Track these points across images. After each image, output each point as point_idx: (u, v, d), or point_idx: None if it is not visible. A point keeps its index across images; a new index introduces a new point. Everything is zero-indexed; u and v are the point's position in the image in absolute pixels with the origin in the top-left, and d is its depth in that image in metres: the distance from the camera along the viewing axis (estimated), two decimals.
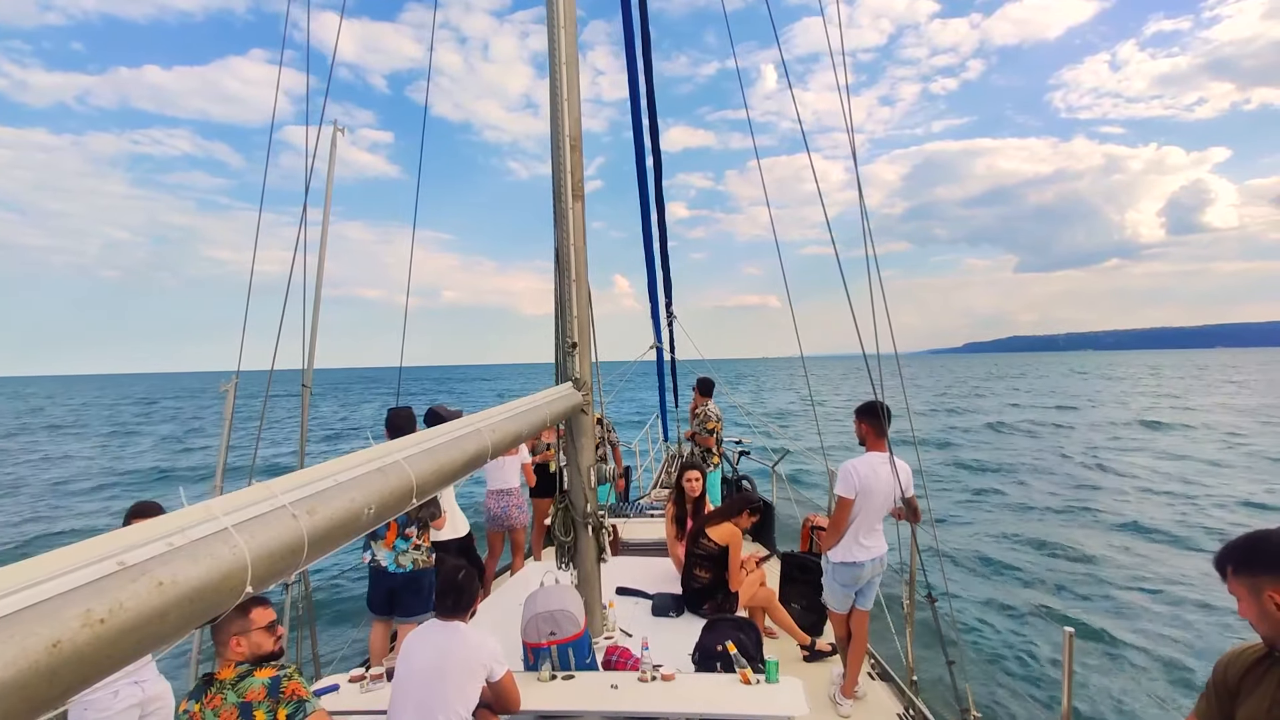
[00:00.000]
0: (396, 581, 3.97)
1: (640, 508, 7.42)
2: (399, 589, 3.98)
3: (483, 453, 2.12)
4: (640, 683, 3.02)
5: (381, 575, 3.97)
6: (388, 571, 3.95)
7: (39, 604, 0.70)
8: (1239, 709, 1.34)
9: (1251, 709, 1.32)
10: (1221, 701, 1.39)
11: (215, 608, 0.93)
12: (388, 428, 4.11)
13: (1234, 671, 1.39)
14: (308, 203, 3.65)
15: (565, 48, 3.64)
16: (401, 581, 3.97)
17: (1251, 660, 1.37)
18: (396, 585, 3.98)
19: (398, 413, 4.14)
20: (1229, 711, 1.37)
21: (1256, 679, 1.34)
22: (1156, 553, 10.00)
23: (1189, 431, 23.79)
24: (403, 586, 3.98)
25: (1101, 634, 6.99)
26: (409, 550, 4.00)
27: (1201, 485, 14.91)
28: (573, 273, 3.69)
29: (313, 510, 1.18)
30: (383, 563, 3.96)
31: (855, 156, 3.55)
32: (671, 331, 9.12)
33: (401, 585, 3.98)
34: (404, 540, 4.01)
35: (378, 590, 4.02)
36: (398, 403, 4.26)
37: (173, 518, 0.95)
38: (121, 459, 24.13)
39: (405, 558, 3.98)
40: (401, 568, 3.97)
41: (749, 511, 4.46)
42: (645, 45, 7.41)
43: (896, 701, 3.68)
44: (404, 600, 4.01)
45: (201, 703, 2.10)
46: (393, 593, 3.99)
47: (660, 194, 8.27)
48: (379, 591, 4.02)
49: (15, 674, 0.64)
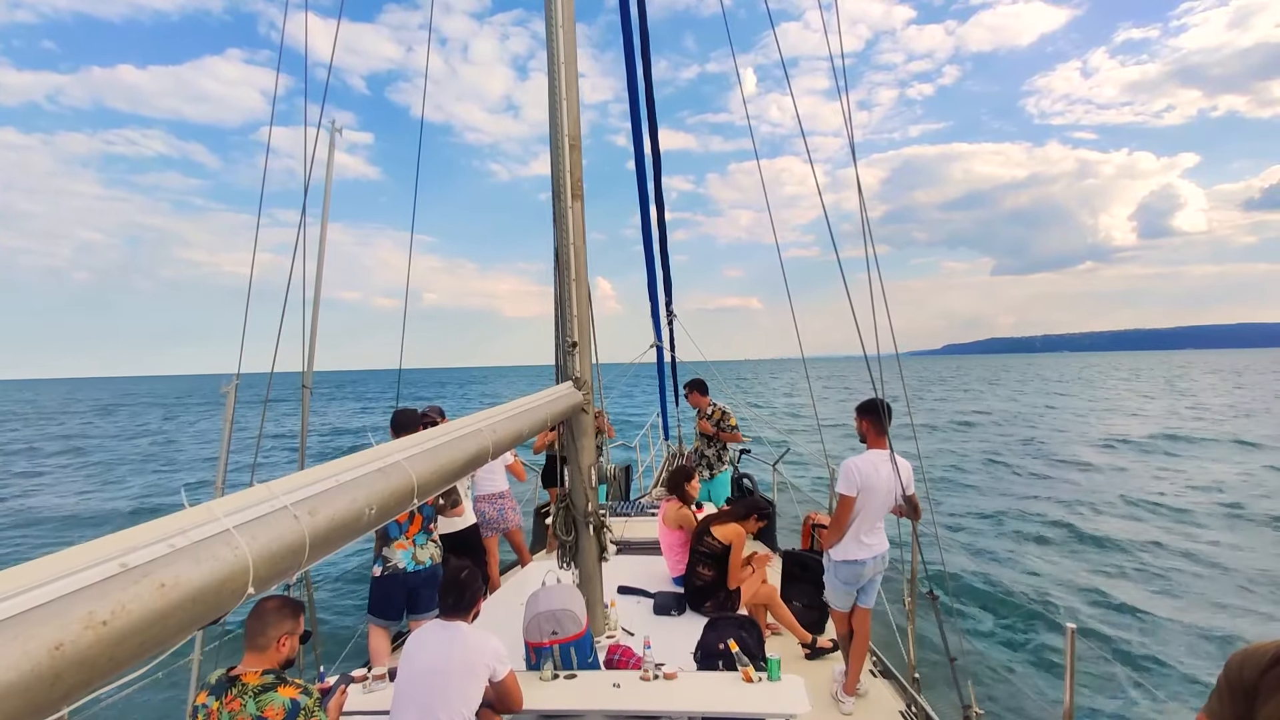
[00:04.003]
0: (418, 580, 3.90)
1: (640, 507, 7.42)
2: (419, 586, 3.91)
3: (483, 453, 2.12)
4: (642, 682, 3.02)
5: (400, 578, 3.87)
6: (408, 572, 3.88)
7: (41, 606, 0.70)
8: (1260, 710, 1.29)
9: (1274, 710, 1.26)
10: (1236, 701, 1.34)
11: (217, 609, 0.93)
12: (393, 428, 4.12)
13: (1251, 670, 1.33)
14: (306, 204, 3.64)
15: (565, 47, 3.63)
16: (423, 579, 3.92)
17: (1269, 659, 1.32)
18: (417, 583, 3.90)
19: (401, 413, 4.16)
20: (1244, 712, 1.32)
21: (1278, 678, 1.29)
22: (1158, 551, 10.00)
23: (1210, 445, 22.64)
24: (423, 583, 3.92)
25: (1104, 630, 6.99)
26: (428, 545, 3.97)
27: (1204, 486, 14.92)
28: (573, 272, 3.68)
29: (314, 511, 1.18)
30: (401, 564, 3.87)
31: (855, 158, 3.54)
32: (671, 331, 9.11)
33: (422, 582, 3.92)
34: (424, 534, 3.98)
35: (394, 593, 3.89)
36: (397, 405, 4.29)
37: (174, 519, 0.95)
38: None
39: (424, 553, 3.94)
40: (421, 564, 3.91)
41: (757, 517, 4.50)
42: (644, 47, 7.41)
43: (898, 699, 3.68)
44: (425, 596, 3.91)
45: (221, 701, 2.06)
46: (412, 591, 3.91)
47: (660, 194, 8.27)
48: (396, 594, 3.89)
49: (18, 677, 0.64)
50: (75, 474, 21.08)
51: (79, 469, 22.20)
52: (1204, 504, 12.74)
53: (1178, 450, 19.88)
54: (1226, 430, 24.21)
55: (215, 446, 22.46)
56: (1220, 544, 10.20)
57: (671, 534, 5.00)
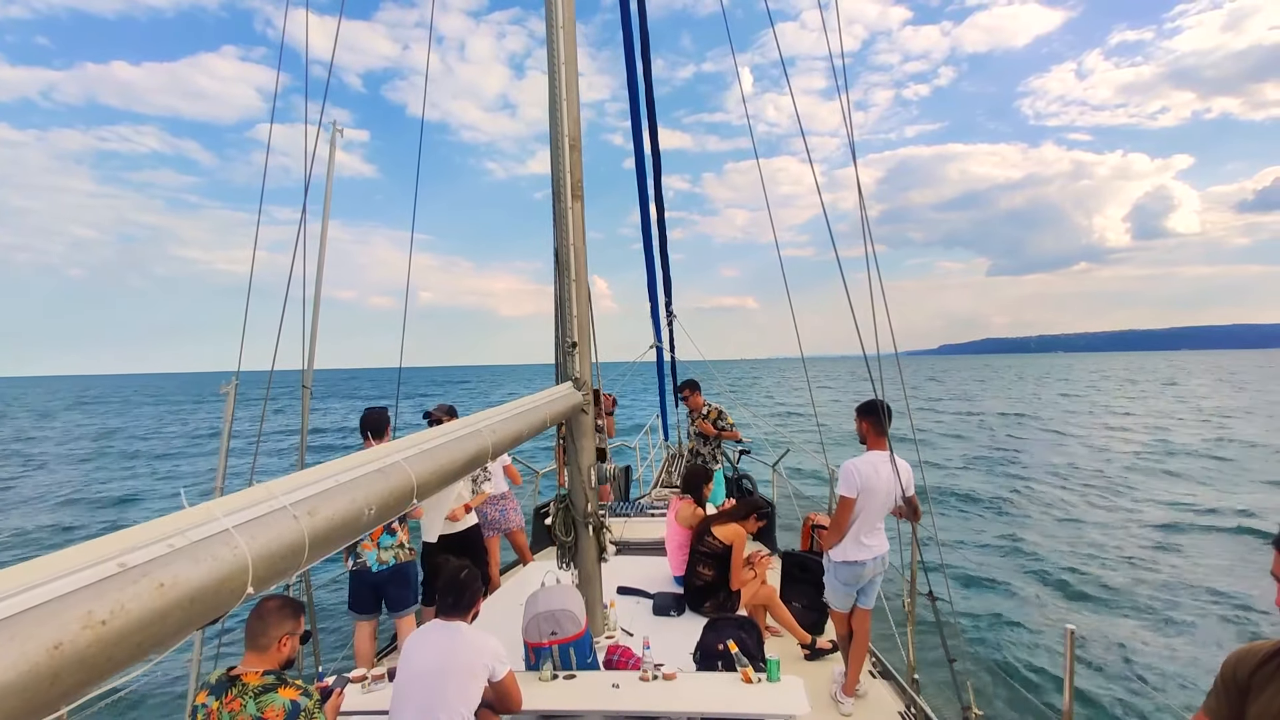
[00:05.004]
0: (380, 578, 4.05)
1: (640, 507, 7.41)
2: (384, 584, 4.07)
3: (483, 453, 2.12)
4: (641, 682, 3.02)
5: (365, 577, 4.05)
6: (372, 571, 4.03)
7: (40, 606, 0.70)
8: (1250, 707, 1.33)
9: (1262, 707, 1.31)
10: (1231, 699, 1.38)
11: (216, 609, 0.93)
12: (363, 429, 4.16)
13: (1244, 669, 1.37)
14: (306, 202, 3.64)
15: (565, 47, 3.63)
16: (385, 577, 4.06)
17: (1262, 658, 1.36)
18: (380, 581, 4.06)
19: (370, 414, 4.20)
20: (1239, 710, 1.36)
21: (1267, 676, 1.33)
22: (1158, 550, 10.00)
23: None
24: (387, 581, 4.07)
25: (1103, 632, 6.99)
26: (391, 546, 4.08)
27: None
28: (573, 272, 3.68)
29: (313, 511, 1.18)
30: (367, 563, 4.03)
31: (855, 157, 3.54)
32: (671, 331, 9.11)
33: (386, 581, 4.06)
34: (390, 535, 4.08)
35: (362, 590, 4.09)
36: (397, 405, 4.32)
37: (173, 519, 0.95)
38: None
39: (387, 553, 4.05)
40: (384, 564, 4.04)
41: (756, 517, 4.52)
42: (644, 46, 7.41)
43: (898, 700, 3.67)
44: (391, 595, 4.10)
45: (221, 701, 2.05)
46: (377, 589, 4.08)
47: (660, 193, 8.27)
48: (364, 591, 4.09)
49: (16, 676, 0.64)
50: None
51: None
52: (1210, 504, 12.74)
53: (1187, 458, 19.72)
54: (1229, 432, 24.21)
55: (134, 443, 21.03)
56: (1220, 544, 10.20)
57: (681, 533, 5.00)
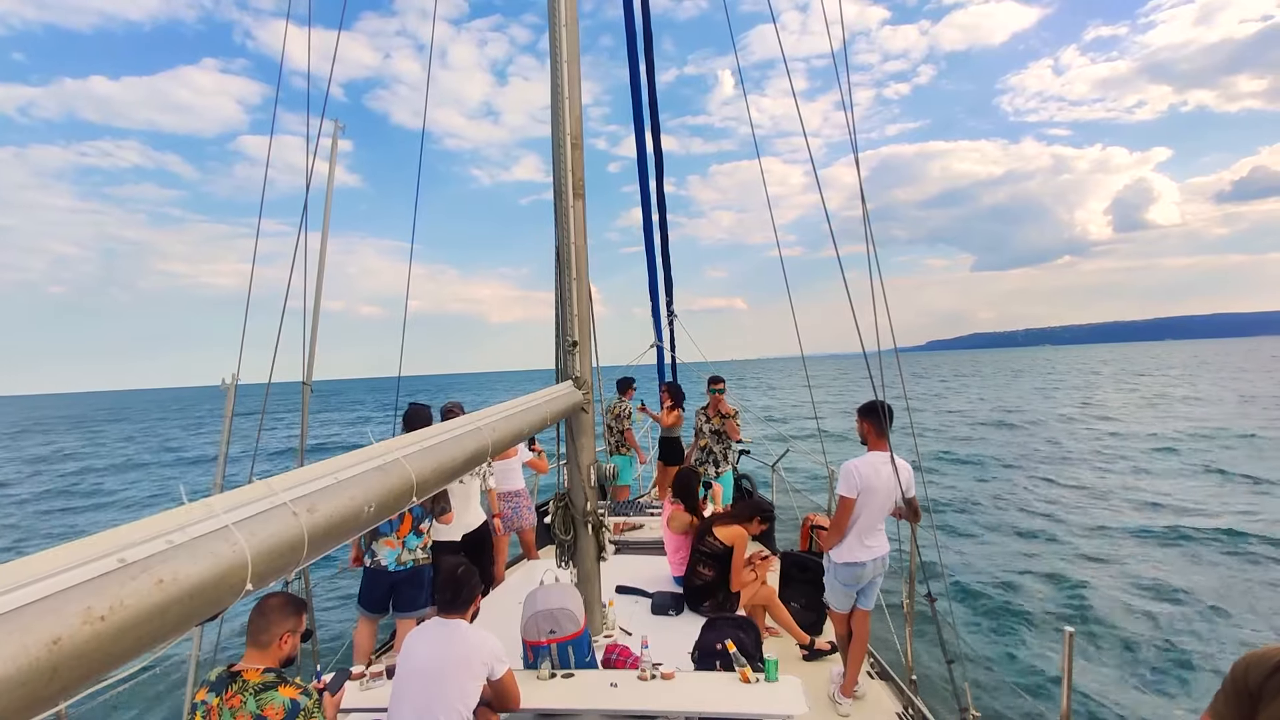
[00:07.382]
0: (397, 578, 4.00)
1: (640, 507, 7.41)
2: (399, 584, 4.01)
3: (482, 451, 2.12)
4: (640, 681, 3.02)
5: (382, 574, 4.00)
6: (389, 570, 3.98)
7: (39, 601, 0.70)
8: (1260, 714, 1.31)
9: (1272, 716, 1.28)
10: (1240, 704, 1.35)
11: (215, 605, 0.93)
12: (405, 424, 4.15)
13: (1255, 675, 1.34)
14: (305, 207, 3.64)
15: (567, 46, 3.63)
16: (402, 577, 4.01)
17: (1275, 665, 1.33)
18: (397, 581, 4.01)
19: (413, 410, 4.20)
20: (1248, 716, 1.33)
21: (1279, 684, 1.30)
22: (1159, 552, 9.99)
23: None
24: (403, 581, 4.02)
25: (1102, 634, 6.99)
26: (416, 548, 4.03)
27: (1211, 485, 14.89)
28: (574, 271, 3.69)
29: (313, 508, 1.18)
30: (383, 562, 3.98)
31: (857, 158, 3.53)
32: (672, 331, 9.10)
33: (402, 580, 4.01)
34: (416, 536, 4.04)
35: (376, 588, 4.03)
36: (396, 411, 4.32)
37: (173, 515, 0.95)
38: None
39: (409, 555, 4.01)
40: (403, 565, 3.99)
41: (760, 520, 4.51)
42: (647, 45, 7.42)
43: (896, 700, 3.68)
44: (403, 594, 4.04)
45: (221, 698, 2.05)
46: (392, 588, 4.02)
47: (661, 192, 8.27)
48: (377, 589, 4.03)
49: (15, 671, 0.64)
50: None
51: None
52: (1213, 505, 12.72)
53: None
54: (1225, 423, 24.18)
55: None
56: (1221, 544, 10.19)
57: (675, 538, 5.01)
